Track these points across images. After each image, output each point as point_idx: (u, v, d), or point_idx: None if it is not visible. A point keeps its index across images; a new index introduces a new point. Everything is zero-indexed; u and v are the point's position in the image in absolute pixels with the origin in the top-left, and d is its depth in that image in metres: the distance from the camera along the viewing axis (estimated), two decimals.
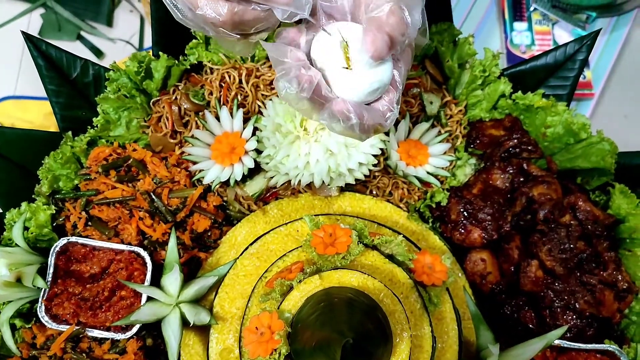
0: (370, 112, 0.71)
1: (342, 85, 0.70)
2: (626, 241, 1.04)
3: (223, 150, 1.03)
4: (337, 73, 0.70)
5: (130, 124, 1.08)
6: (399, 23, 0.66)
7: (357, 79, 0.69)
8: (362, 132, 0.71)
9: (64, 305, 0.95)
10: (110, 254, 0.98)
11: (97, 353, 0.95)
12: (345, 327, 0.69)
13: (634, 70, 1.84)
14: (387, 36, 0.65)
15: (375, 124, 0.71)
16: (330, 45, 0.69)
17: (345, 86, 0.70)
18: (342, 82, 0.70)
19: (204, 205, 1.04)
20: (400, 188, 1.08)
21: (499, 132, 1.10)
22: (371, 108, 0.72)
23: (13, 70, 2.00)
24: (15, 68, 2.00)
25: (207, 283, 0.95)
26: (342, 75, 0.69)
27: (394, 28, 0.65)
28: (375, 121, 0.71)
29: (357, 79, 0.69)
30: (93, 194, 1.02)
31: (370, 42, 0.65)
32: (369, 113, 0.70)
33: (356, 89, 0.70)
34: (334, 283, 0.81)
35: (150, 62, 1.06)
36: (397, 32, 0.66)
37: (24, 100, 1.92)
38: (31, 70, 2.00)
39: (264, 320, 0.76)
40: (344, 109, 0.69)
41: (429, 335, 0.85)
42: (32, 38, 1.02)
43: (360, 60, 0.68)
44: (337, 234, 0.86)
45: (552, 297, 0.98)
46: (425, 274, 0.89)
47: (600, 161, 1.05)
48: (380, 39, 0.65)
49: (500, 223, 1.03)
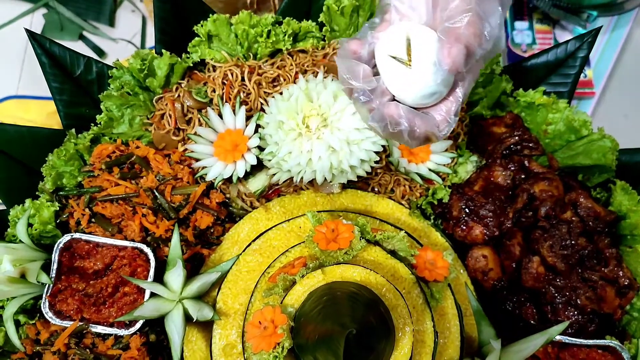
0: (424, 120, 0.70)
1: (399, 84, 0.70)
2: (627, 238, 1.05)
3: (226, 148, 1.03)
4: (396, 71, 0.70)
5: (133, 121, 1.09)
6: (476, 34, 0.64)
7: (415, 79, 0.69)
8: (411, 139, 0.71)
9: (67, 302, 0.95)
10: (114, 250, 0.98)
11: (101, 349, 0.95)
12: (348, 320, 0.70)
13: (635, 70, 1.85)
14: (465, 48, 0.64)
15: (427, 133, 0.70)
16: (394, 43, 0.70)
17: (402, 85, 0.70)
18: (399, 80, 0.70)
19: (207, 202, 1.04)
20: (402, 185, 1.09)
21: (501, 129, 1.10)
22: (425, 115, 0.71)
23: (15, 70, 2.01)
24: (17, 68, 2.01)
25: (210, 279, 0.95)
26: (402, 74, 0.69)
27: (472, 40, 0.64)
28: (428, 130, 0.70)
29: (415, 80, 0.69)
30: (96, 190, 1.02)
31: (447, 54, 0.64)
32: (421, 120, 0.70)
33: (412, 90, 0.70)
34: (337, 278, 0.81)
35: (153, 59, 1.06)
36: (474, 44, 0.65)
37: (26, 99, 1.92)
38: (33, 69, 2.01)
39: (267, 315, 0.76)
40: (395, 114, 0.69)
41: (431, 330, 0.86)
42: (35, 36, 1.02)
43: (424, 61, 0.68)
44: (340, 229, 0.86)
45: (554, 293, 0.98)
46: (427, 270, 0.90)
47: (602, 158, 1.06)
48: (458, 50, 0.64)
49: (501, 220, 1.03)
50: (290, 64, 1.11)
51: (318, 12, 1.10)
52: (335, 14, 1.08)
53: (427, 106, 0.72)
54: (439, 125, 0.71)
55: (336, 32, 1.12)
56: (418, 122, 0.69)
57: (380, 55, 0.71)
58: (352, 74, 0.70)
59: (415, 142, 0.72)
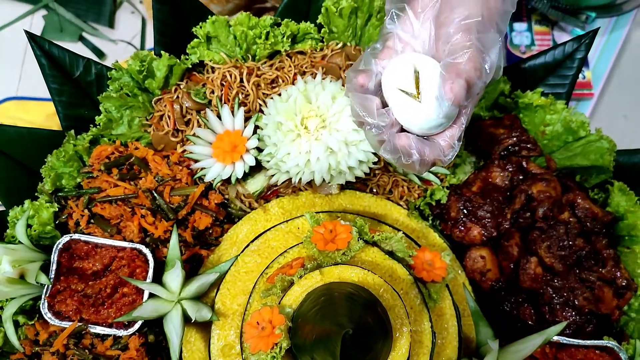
0: (431, 148, 0.73)
1: (408, 116, 0.72)
2: (625, 238, 1.05)
3: (224, 149, 1.04)
4: (404, 103, 0.72)
5: (132, 122, 1.09)
6: (477, 69, 0.68)
7: (424, 112, 0.71)
8: (422, 167, 0.74)
9: (66, 302, 0.95)
10: (113, 251, 0.99)
11: (100, 349, 0.95)
12: (345, 320, 0.70)
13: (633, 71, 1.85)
14: (466, 82, 0.67)
15: (434, 159, 0.74)
16: (402, 75, 0.72)
17: (411, 117, 0.72)
18: (408, 112, 0.72)
19: (206, 203, 1.04)
20: (400, 186, 1.09)
21: (498, 130, 1.10)
22: (432, 143, 0.74)
23: (15, 71, 2.02)
24: (17, 69, 2.02)
25: (209, 280, 0.96)
26: (410, 106, 0.72)
27: (472, 74, 0.68)
28: (435, 157, 0.74)
29: (424, 112, 0.71)
30: (95, 191, 1.02)
31: (449, 89, 0.67)
32: (429, 148, 0.73)
33: (420, 121, 0.72)
34: (335, 278, 0.81)
35: (152, 61, 1.07)
36: (474, 78, 0.68)
37: (26, 101, 1.93)
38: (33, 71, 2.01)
39: (265, 315, 0.77)
40: (406, 145, 0.72)
41: (429, 330, 0.86)
42: (35, 37, 1.03)
43: (430, 95, 0.70)
44: (338, 230, 0.86)
45: (551, 293, 0.99)
46: (425, 271, 0.90)
47: (599, 159, 1.06)
48: (459, 85, 0.67)
49: (499, 220, 1.04)
50: (289, 66, 1.11)
51: (317, 14, 1.11)
52: (334, 15, 1.09)
53: (433, 134, 0.75)
54: (444, 151, 0.75)
55: (335, 33, 1.12)
56: (427, 150, 0.73)
57: (388, 87, 0.73)
58: (366, 111, 0.73)
59: (424, 168, 0.75)
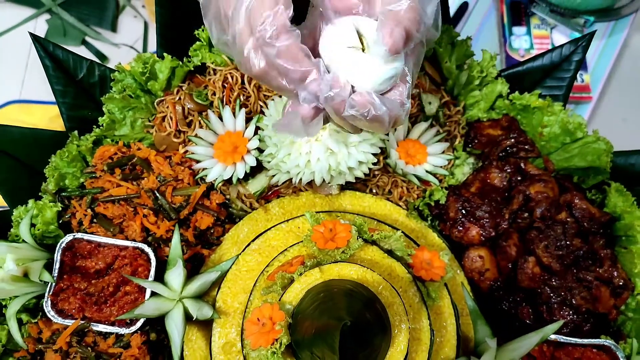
0: (390, 103, 0.70)
1: (357, 74, 0.69)
2: (622, 239, 1.06)
3: (226, 149, 1.05)
4: (351, 62, 0.69)
5: (135, 123, 1.10)
6: (416, 19, 0.67)
7: (373, 66, 0.69)
8: (390, 120, 0.70)
9: (69, 300, 0.96)
10: (115, 250, 1.00)
11: (102, 347, 0.96)
12: (344, 314, 0.71)
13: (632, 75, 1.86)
14: (404, 31, 0.66)
15: (396, 115, 0.71)
16: (343, 37, 0.69)
17: (360, 74, 0.69)
18: (357, 70, 0.69)
19: (207, 203, 1.06)
20: (399, 186, 1.10)
21: (497, 131, 1.12)
22: (390, 99, 0.71)
23: (18, 75, 2.04)
24: (20, 72, 2.03)
25: (210, 278, 0.97)
26: (357, 63, 0.69)
27: (411, 24, 0.66)
28: (395, 112, 0.70)
29: (373, 66, 0.69)
30: (98, 191, 1.04)
31: (387, 35, 0.65)
32: (389, 104, 0.70)
33: (372, 76, 0.69)
34: (334, 276, 0.82)
35: (155, 63, 1.08)
36: (413, 28, 0.67)
37: (29, 104, 1.95)
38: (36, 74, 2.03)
39: (266, 312, 0.78)
40: (367, 100, 0.68)
41: (427, 328, 0.87)
42: (39, 39, 1.04)
43: (375, 51, 0.69)
44: (337, 229, 0.88)
45: (549, 293, 1.00)
46: (424, 270, 0.91)
47: (596, 160, 1.07)
48: (398, 32, 0.65)
49: (497, 221, 1.05)
50: None
51: None
52: None
53: (384, 92, 0.72)
54: (399, 108, 0.72)
55: None
56: (388, 105, 0.70)
57: (331, 50, 0.70)
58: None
59: (391, 123, 0.71)
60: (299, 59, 0.67)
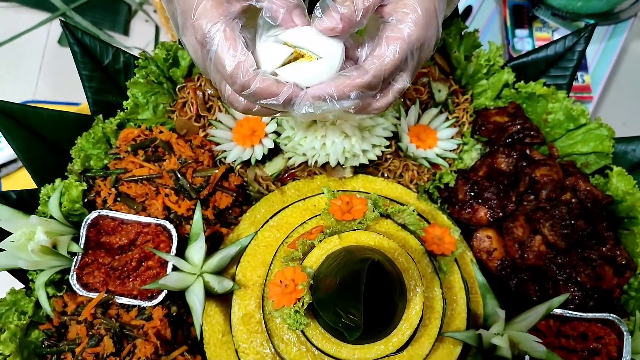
0: (357, 69, 0.73)
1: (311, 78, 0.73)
2: (624, 220, 1.10)
3: (244, 133, 1.09)
4: (299, 70, 0.73)
5: (157, 108, 1.15)
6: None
7: (324, 65, 0.73)
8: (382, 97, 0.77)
9: (94, 274, 1.00)
10: (138, 227, 1.03)
11: (125, 319, 0.99)
12: (369, 255, 0.74)
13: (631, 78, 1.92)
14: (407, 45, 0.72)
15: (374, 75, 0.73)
16: (283, 52, 0.73)
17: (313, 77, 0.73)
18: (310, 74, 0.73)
19: (226, 184, 1.10)
20: (410, 170, 1.14)
21: (503, 118, 1.16)
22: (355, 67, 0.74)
23: (33, 76, 2.09)
24: (35, 74, 2.09)
25: (230, 253, 1.00)
26: (307, 69, 0.73)
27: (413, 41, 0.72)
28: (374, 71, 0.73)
29: (325, 65, 0.73)
30: (122, 172, 1.07)
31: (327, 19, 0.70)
32: (357, 71, 0.73)
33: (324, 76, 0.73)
34: (353, 242, 0.86)
35: (177, 51, 1.13)
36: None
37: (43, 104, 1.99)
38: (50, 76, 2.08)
39: (288, 274, 0.81)
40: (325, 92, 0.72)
41: (440, 297, 0.91)
42: (69, 26, 1.09)
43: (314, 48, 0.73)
44: (354, 202, 0.92)
45: (555, 270, 1.03)
46: (435, 244, 0.95)
47: (599, 145, 1.12)
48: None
49: (505, 202, 1.09)
50: None
51: None
52: None
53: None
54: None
55: None
56: (355, 73, 0.73)
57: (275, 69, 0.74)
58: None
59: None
60: (275, 90, 0.71)
